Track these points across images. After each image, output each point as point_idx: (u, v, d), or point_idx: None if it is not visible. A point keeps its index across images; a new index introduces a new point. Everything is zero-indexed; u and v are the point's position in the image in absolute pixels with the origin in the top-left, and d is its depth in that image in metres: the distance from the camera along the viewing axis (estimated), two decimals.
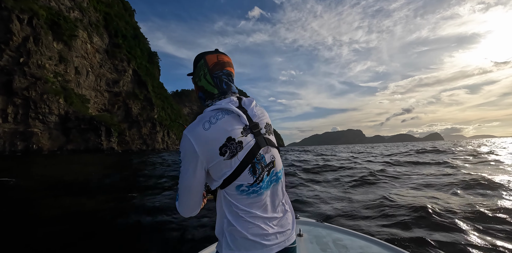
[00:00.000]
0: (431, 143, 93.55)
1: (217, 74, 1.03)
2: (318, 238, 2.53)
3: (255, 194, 0.94)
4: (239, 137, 0.93)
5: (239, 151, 0.92)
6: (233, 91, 1.06)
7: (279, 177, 1.03)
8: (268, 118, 1.08)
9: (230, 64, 1.08)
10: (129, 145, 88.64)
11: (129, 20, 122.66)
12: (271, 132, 1.07)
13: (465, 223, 3.99)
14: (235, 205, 0.94)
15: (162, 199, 6.69)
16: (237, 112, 0.94)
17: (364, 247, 2.28)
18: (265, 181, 0.96)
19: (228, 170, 0.92)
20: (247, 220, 0.93)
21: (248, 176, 0.93)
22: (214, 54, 1.05)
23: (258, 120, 1.01)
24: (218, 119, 0.92)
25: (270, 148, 1.01)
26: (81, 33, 78.46)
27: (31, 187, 9.12)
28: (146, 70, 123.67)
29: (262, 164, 0.96)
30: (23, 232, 4.34)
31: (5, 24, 53.43)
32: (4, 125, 51.53)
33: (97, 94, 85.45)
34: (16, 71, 54.24)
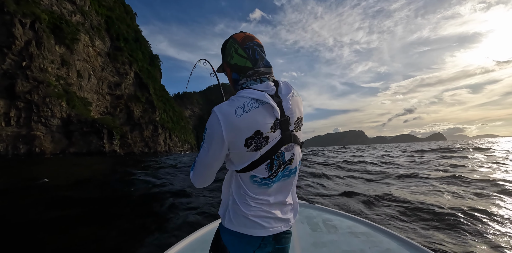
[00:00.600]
0: (434, 143, 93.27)
1: (249, 45, 1.01)
2: (309, 219, 2.69)
3: (265, 186, 0.98)
4: (268, 132, 0.92)
5: (263, 146, 0.92)
6: (266, 64, 1.02)
7: (292, 172, 1.04)
8: (301, 110, 1.06)
9: (258, 39, 1.06)
10: (131, 147, 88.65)
11: (130, 24, 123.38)
12: (300, 127, 1.05)
13: None
14: (243, 189, 0.99)
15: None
16: (272, 104, 0.92)
17: (352, 226, 2.42)
18: (278, 176, 0.99)
19: (247, 161, 0.94)
20: (251, 204, 0.98)
21: (265, 170, 0.95)
22: (241, 32, 1.06)
23: (290, 113, 0.99)
24: (252, 108, 0.91)
25: (293, 145, 1.01)
26: (83, 37, 78.82)
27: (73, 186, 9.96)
28: (148, 73, 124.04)
29: (280, 161, 0.97)
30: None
31: (8, 28, 53.73)
32: (7, 128, 51.67)
33: (99, 97, 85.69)
34: (19, 75, 54.46)
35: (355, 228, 2.38)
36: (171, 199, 6.59)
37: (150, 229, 4.51)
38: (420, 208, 4.96)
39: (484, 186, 6.83)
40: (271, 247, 1.04)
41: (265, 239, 1.01)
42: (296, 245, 2.07)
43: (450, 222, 4.25)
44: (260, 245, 1.01)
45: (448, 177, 8.17)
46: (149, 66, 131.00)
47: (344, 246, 2.03)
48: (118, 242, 3.96)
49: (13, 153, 50.94)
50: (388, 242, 2.06)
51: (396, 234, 2.16)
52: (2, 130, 50.76)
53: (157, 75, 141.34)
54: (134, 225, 4.75)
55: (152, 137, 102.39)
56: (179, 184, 9.52)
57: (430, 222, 4.35)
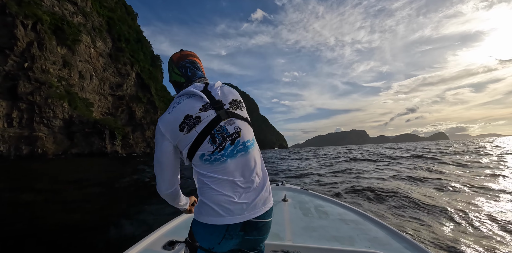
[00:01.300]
0: (434, 142, 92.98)
1: (181, 64, 1.16)
2: (302, 204, 2.76)
3: (218, 162, 0.98)
4: (197, 113, 1.00)
5: (196, 125, 0.98)
6: (199, 77, 1.16)
7: (247, 147, 1.04)
8: (237, 96, 1.13)
9: (194, 55, 1.21)
10: (133, 148, 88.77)
11: (132, 24, 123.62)
12: (240, 107, 1.10)
13: None
14: (201, 174, 1.01)
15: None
16: (198, 93, 1.02)
17: (343, 214, 2.48)
18: (228, 150, 0.99)
19: (189, 142, 0.98)
20: (212, 187, 0.98)
21: (208, 145, 0.98)
22: (178, 52, 1.20)
23: (222, 97, 1.06)
24: (179, 103, 1.03)
25: (235, 120, 1.04)
26: (85, 38, 79.01)
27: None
28: (149, 73, 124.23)
29: (223, 134, 1.00)
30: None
31: (10, 29, 53.97)
32: (9, 129, 51.85)
33: (101, 97, 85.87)
34: (21, 76, 54.66)
35: (346, 215, 2.45)
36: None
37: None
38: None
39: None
40: (239, 238, 1.00)
41: (230, 228, 0.97)
42: (287, 228, 2.14)
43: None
44: (225, 235, 0.97)
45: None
46: (151, 66, 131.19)
47: (333, 231, 2.08)
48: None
49: (16, 154, 51.11)
50: (376, 230, 2.10)
51: (384, 223, 2.19)
52: (5, 131, 50.94)
53: (158, 75, 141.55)
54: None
55: (154, 137, 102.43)
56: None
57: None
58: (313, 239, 1.94)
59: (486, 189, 6.46)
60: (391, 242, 1.88)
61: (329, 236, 1.98)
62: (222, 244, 0.98)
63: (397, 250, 1.75)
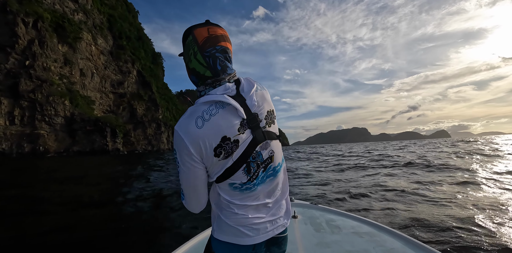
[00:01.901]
0: (438, 140, 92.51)
1: (209, 52, 0.86)
2: (312, 219, 2.67)
3: (248, 191, 0.90)
4: (235, 135, 0.84)
5: (234, 151, 0.84)
6: (229, 73, 0.91)
7: (277, 170, 0.96)
8: (270, 103, 0.96)
9: (226, 37, 0.90)
10: (135, 145, 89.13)
11: (133, 22, 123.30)
12: (273, 121, 0.95)
13: None
14: (226, 198, 0.91)
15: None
16: (233, 104, 0.83)
17: (356, 227, 2.41)
18: (259, 178, 0.91)
19: (221, 170, 0.86)
20: (236, 212, 0.90)
21: (242, 175, 0.87)
22: (204, 26, 0.88)
23: (258, 110, 0.90)
24: (212, 115, 0.82)
25: (269, 142, 0.92)
26: (86, 35, 78.96)
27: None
28: (151, 71, 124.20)
29: (258, 161, 0.89)
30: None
31: (11, 27, 54.01)
32: (11, 127, 52.13)
33: (102, 95, 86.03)
34: (22, 74, 54.80)
35: (359, 228, 2.38)
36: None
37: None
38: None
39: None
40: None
41: (256, 247, 0.94)
42: (299, 245, 2.07)
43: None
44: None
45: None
46: (152, 64, 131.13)
47: (347, 246, 2.02)
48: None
49: (18, 151, 51.43)
50: (392, 241, 2.05)
51: (400, 233, 2.14)
52: (7, 129, 51.23)
53: (159, 73, 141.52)
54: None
55: (155, 135, 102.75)
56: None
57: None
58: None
59: None
60: (409, 252, 1.84)
61: (343, 251, 1.93)
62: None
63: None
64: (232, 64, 0.95)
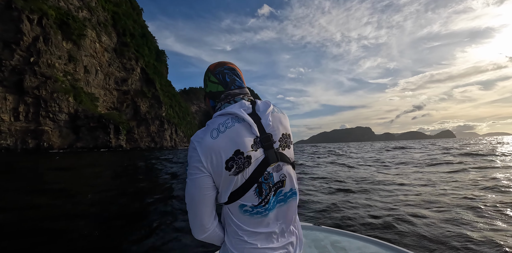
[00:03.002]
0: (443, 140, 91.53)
1: (219, 70, 0.98)
2: (316, 242, 2.58)
3: (258, 215, 0.86)
4: (249, 151, 0.83)
5: (246, 167, 0.82)
6: (239, 86, 0.97)
7: (287, 196, 0.92)
8: (287, 127, 0.97)
9: (232, 64, 1.03)
10: (138, 142, 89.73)
11: (137, 19, 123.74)
12: (288, 145, 0.94)
13: None
14: (236, 223, 0.87)
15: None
16: (248, 121, 0.84)
17: (362, 247, 2.33)
18: (271, 202, 0.87)
19: (233, 187, 0.83)
20: (245, 240, 0.86)
21: (254, 196, 0.84)
22: (216, 62, 1.04)
23: (272, 130, 0.89)
24: (227, 128, 0.83)
25: (282, 165, 0.90)
26: (90, 32, 79.46)
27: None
28: (154, 68, 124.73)
29: (270, 184, 0.86)
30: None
31: (16, 24, 54.49)
32: (16, 123, 52.80)
33: (106, 92, 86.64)
34: (27, 71, 55.37)
35: (366, 248, 2.32)
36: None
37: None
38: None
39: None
40: None
41: None
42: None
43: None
44: None
45: None
46: (156, 61, 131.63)
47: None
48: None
49: (22, 147, 52.11)
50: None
51: (408, 251, 2.10)
52: (11, 125, 51.89)
53: (163, 70, 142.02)
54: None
55: (158, 132, 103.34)
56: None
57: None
58: None
59: None
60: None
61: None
62: None
63: None
64: (244, 82, 1.02)
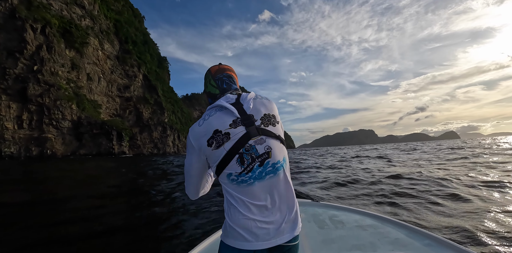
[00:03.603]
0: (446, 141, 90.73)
1: (219, 77, 1.18)
2: (315, 216, 2.69)
3: (244, 184, 0.96)
4: (227, 129, 0.98)
5: (225, 141, 0.96)
6: (233, 89, 1.17)
7: (277, 168, 1.00)
8: (272, 109, 1.10)
9: (231, 70, 1.23)
10: (141, 149, 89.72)
11: (139, 27, 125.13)
12: (272, 123, 1.06)
13: None
14: (229, 193, 1.00)
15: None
16: (229, 107, 1.01)
17: (359, 220, 2.43)
18: (256, 172, 0.96)
19: (217, 160, 0.97)
20: (238, 210, 0.96)
21: (236, 165, 0.96)
22: (217, 65, 1.23)
23: (253, 111, 1.04)
24: (210, 116, 1.02)
25: (266, 138, 1.00)
26: (93, 40, 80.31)
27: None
28: (156, 75, 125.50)
29: (252, 154, 0.97)
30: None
31: (19, 33, 55.22)
32: (20, 131, 53.00)
33: (109, 99, 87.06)
34: (30, 79, 55.83)
35: (362, 221, 2.40)
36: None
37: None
38: None
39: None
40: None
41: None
42: (305, 244, 2.05)
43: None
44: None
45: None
46: (158, 68, 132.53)
47: (353, 240, 2.03)
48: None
49: (26, 155, 52.18)
50: (396, 232, 2.07)
51: (404, 223, 2.17)
52: (15, 133, 52.10)
53: (165, 77, 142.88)
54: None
55: (161, 138, 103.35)
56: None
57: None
58: (333, 251, 1.89)
59: None
60: (414, 241, 1.86)
61: (349, 246, 1.94)
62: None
63: (421, 248, 1.73)
64: (238, 82, 1.25)
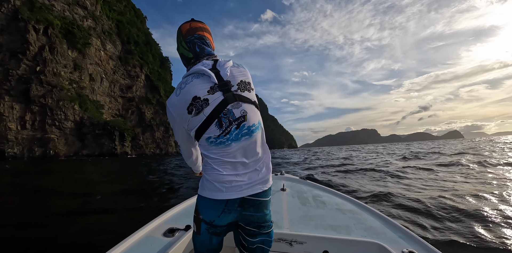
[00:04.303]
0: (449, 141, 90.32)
1: (189, 39, 1.15)
2: (300, 193, 2.81)
3: (222, 145, 1.02)
4: (205, 95, 1.01)
5: (204, 107, 1.00)
6: (208, 53, 1.15)
7: (252, 131, 1.06)
8: (247, 76, 1.12)
9: (203, 29, 1.18)
10: (143, 149, 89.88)
11: (141, 27, 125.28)
12: (247, 89, 1.10)
13: None
14: (206, 155, 1.07)
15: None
16: (207, 72, 1.02)
17: (340, 204, 2.52)
18: (233, 134, 1.02)
19: (197, 125, 1.02)
20: (214, 168, 1.04)
21: (215, 129, 1.01)
22: (188, 22, 1.17)
23: (230, 78, 1.06)
24: (187, 84, 1.03)
25: (242, 103, 1.05)
26: (95, 41, 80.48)
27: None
28: (158, 75, 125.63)
29: (229, 118, 1.01)
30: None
31: (22, 34, 55.37)
32: (23, 132, 53.22)
33: (111, 99, 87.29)
34: (33, 80, 56.01)
35: (343, 205, 2.48)
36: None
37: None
38: None
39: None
40: (237, 212, 1.08)
41: (229, 204, 1.04)
42: (285, 216, 2.18)
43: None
44: (224, 210, 1.05)
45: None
46: (160, 68, 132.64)
47: (330, 221, 2.11)
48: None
49: (29, 155, 52.41)
50: (372, 220, 2.14)
51: (380, 214, 2.24)
52: (18, 134, 52.33)
53: (167, 77, 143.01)
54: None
55: (163, 138, 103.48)
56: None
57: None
58: (310, 227, 1.98)
59: None
60: (386, 231, 1.93)
61: (326, 225, 2.02)
62: (221, 217, 1.07)
63: (392, 239, 1.80)
64: (213, 43, 1.20)
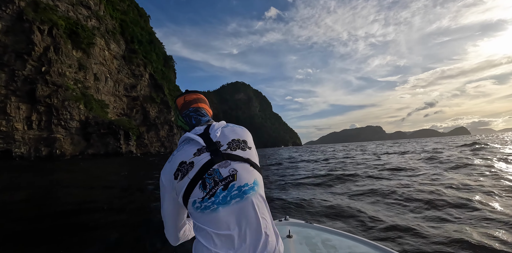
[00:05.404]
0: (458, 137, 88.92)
1: (185, 113, 1.16)
2: (307, 239, 2.63)
3: (208, 210, 0.86)
4: (191, 158, 0.94)
5: (189, 171, 0.92)
6: (204, 122, 1.14)
7: (244, 191, 0.90)
8: (241, 135, 1.05)
9: (197, 100, 1.18)
10: (148, 148, 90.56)
11: (144, 26, 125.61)
12: (241, 147, 1.00)
13: None
14: (194, 225, 0.92)
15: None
16: (195, 138, 0.99)
17: (352, 246, 2.37)
18: (219, 196, 0.87)
19: (182, 189, 0.91)
20: (204, 245, 0.86)
21: (199, 191, 0.89)
22: (182, 96, 1.20)
23: (221, 138, 1.01)
24: (178, 151, 1.00)
25: (231, 162, 0.94)
26: (99, 41, 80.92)
27: None
28: (162, 74, 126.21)
29: (215, 178, 0.90)
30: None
31: (27, 35, 55.85)
32: (29, 132, 53.90)
33: (116, 99, 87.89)
34: (39, 80, 56.56)
35: (356, 248, 2.33)
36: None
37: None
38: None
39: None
40: None
41: None
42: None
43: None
44: None
45: None
46: (164, 67, 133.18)
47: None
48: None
49: (35, 155, 53.12)
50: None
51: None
52: (25, 134, 53.03)
53: (171, 75, 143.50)
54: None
55: (168, 137, 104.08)
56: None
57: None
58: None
59: None
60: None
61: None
62: None
63: None
64: (210, 110, 1.22)
